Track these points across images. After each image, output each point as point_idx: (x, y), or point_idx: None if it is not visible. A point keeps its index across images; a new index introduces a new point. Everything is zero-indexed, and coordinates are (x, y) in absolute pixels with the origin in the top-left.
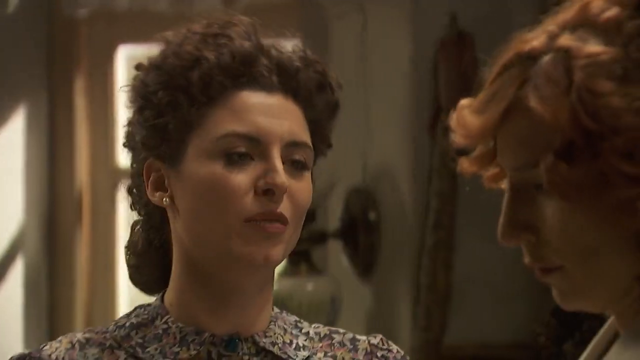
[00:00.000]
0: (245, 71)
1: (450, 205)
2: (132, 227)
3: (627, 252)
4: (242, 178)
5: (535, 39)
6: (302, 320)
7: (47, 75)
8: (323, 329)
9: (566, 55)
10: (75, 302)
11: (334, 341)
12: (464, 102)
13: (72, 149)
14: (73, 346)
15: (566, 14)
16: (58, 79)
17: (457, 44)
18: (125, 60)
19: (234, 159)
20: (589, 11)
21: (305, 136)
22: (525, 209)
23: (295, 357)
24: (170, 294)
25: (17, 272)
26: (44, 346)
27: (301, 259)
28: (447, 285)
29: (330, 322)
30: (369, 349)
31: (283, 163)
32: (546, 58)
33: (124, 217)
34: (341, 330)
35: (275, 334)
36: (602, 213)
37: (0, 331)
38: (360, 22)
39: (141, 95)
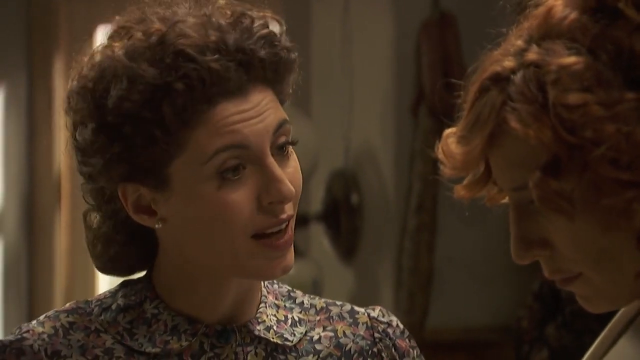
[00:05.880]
0: (216, 89)
1: (433, 188)
2: (85, 217)
3: (633, 252)
4: (241, 195)
5: (505, 58)
6: (294, 290)
7: (26, 56)
8: (319, 301)
9: (537, 70)
10: (55, 284)
11: (332, 314)
12: (447, 131)
13: (51, 131)
14: (56, 332)
15: (531, 22)
16: (37, 60)
17: (440, 25)
18: None
19: (227, 176)
20: (552, 18)
21: (282, 112)
22: (533, 225)
23: (292, 338)
24: (158, 276)
25: None
26: (25, 332)
27: None
28: (429, 268)
29: None
30: (369, 323)
31: (272, 155)
32: (518, 76)
33: None
34: (338, 302)
35: (267, 315)
36: (601, 219)
37: None
38: (342, 4)
39: (97, 119)
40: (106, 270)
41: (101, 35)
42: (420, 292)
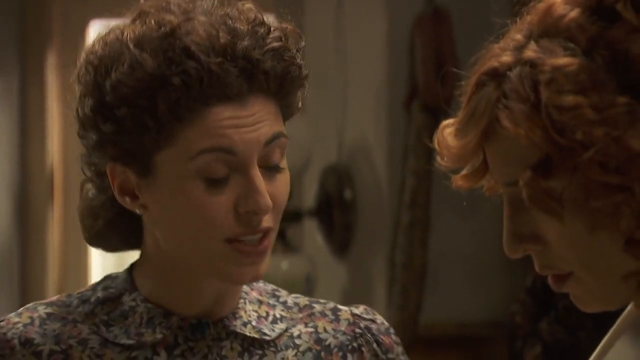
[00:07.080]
0: (214, 91)
1: (426, 183)
2: (82, 187)
3: (621, 253)
4: (219, 199)
5: (503, 53)
6: (279, 289)
7: (19, 51)
8: (303, 299)
9: (532, 69)
10: (48, 280)
11: (314, 311)
12: (444, 123)
13: (44, 126)
14: (32, 322)
15: (532, 17)
16: (30, 54)
17: (433, 20)
18: None
19: (209, 179)
20: (551, 15)
21: (279, 125)
22: (526, 220)
23: (270, 333)
24: (139, 268)
25: None
26: (1, 321)
27: (276, 237)
28: (422, 263)
29: None
30: (351, 320)
31: (260, 166)
32: (514, 73)
33: None
34: (322, 300)
35: (246, 311)
36: (589, 220)
37: None
38: None
39: (96, 96)
40: (92, 243)
41: (94, 31)
42: (413, 287)
